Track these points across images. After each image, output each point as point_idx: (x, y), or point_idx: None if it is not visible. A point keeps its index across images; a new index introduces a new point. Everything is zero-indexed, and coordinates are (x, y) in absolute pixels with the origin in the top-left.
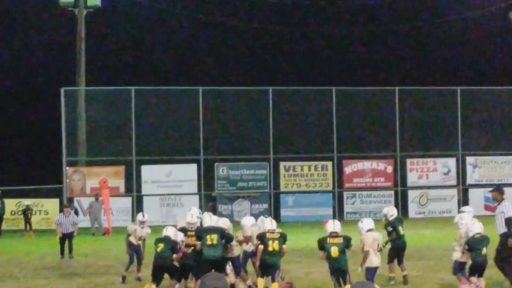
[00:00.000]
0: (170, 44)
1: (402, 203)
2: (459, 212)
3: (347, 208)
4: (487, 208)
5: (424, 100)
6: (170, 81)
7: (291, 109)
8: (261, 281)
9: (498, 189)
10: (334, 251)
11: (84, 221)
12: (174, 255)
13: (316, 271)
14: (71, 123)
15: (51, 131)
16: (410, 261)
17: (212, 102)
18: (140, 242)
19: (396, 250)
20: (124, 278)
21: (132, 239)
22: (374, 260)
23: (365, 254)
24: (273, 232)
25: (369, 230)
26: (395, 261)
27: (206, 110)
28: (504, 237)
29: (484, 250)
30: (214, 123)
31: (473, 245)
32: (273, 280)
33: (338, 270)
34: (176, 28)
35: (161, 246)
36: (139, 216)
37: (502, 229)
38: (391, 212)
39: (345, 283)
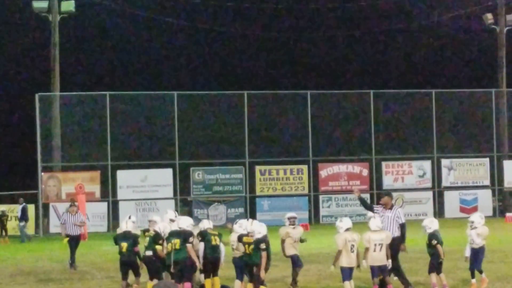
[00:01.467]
0: (145, 50)
1: None
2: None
3: (323, 211)
4: (462, 210)
5: (399, 103)
6: (145, 86)
7: (266, 113)
8: (238, 284)
9: (388, 194)
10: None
11: (59, 227)
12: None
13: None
14: (46, 129)
15: (26, 137)
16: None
17: (187, 106)
18: None
19: None
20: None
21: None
22: (345, 260)
23: (337, 254)
24: (249, 236)
25: (347, 229)
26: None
27: (181, 114)
28: (397, 241)
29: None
30: (189, 127)
31: (439, 240)
32: (250, 280)
33: None
34: (151, 33)
35: (125, 245)
36: (127, 219)
37: (396, 233)
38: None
39: None
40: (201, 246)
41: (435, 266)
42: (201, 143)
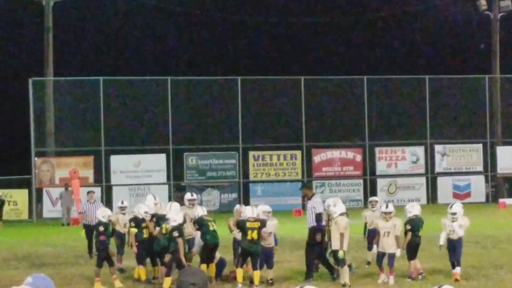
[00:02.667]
0: (139, 34)
1: (371, 192)
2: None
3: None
4: (455, 196)
5: (392, 89)
6: (139, 71)
7: (260, 99)
8: (240, 271)
9: (306, 185)
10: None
11: (53, 212)
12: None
13: (285, 260)
14: (39, 114)
15: (19, 122)
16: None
17: (180, 92)
18: (125, 230)
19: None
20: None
21: (118, 228)
22: (345, 243)
23: (341, 237)
24: (253, 221)
25: (341, 214)
26: None
27: (174, 100)
28: (312, 230)
29: (420, 232)
30: (183, 113)
31: (413, 226)
32: (254, 268)
33: None
34: (145, 18)
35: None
36: (119, 203)
37: (312, 223)
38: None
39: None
40: (197, 233)
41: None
42: (195, 128)
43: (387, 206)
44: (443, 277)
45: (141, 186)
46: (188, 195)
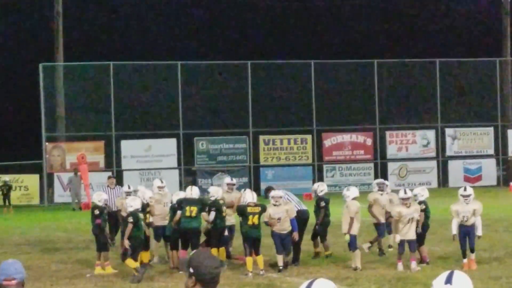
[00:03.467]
0: (149, 19)
1: (381, 175)
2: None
3: (326, 181)
4: (466, 179)
5: (403, 72)
6: (149, 56)
7: (270, 83)
8: (250, 260)
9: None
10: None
11: (64, 196)
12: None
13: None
14: (49, 99)
15: (30, 107)
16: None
17: (190, 76)
18: None
19: (325, 227)
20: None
21: (124, 213)
22: (356, 227)
23: (351, 221)
24: (254, 206)
25: (354, 198)
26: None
27: (185, 84)
28: (299, 214)
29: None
30: (193, 97)
31: (427, 208)
32: (256, 253)
33: None
34: (155, 2)
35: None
36: (125, 188)
37: (299, 207)
38: (321, 187)
39: None
40: (211, 215)
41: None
42: (205, 113)
43: (405, 192)
44: (454, 261)
45: (152, 171)
46: (227, 179)
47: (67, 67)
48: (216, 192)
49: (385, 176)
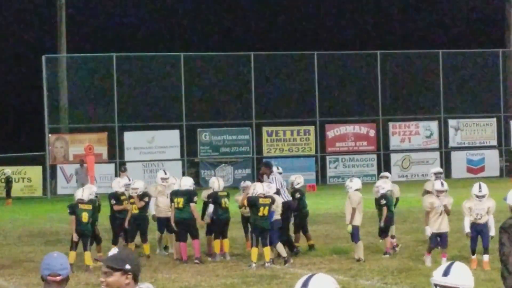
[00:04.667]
0: (152, 10)
1: (384, 167)
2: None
3: (330, 172)
4: (469, 170)
5: (406, 63)
6: (152, 47)
7: (273, 74)
8: (255, 251)
9: (265, 164)
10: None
11: (67, 188)
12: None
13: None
14: (53, 91)
15: (33, 99)
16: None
17: (194, 68)
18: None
19: (302, 219)
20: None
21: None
22: (358, 219)
23: (353, 211)
24: (265, 197)
25: (357, 190)
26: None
27: (188, 76)
28: (285, 206)
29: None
30: (196, 88)
31: (388, 201)
32: (264, 245)
33: None
34: None
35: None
36: (125, 180)
37: (286, 198)
38: (298, 180)
39: None
40: (210, 207)
41: (383, 229)
42: (208, 104)
43: (442, 185)
44: (457, 252)
45: (155, 162)
46: (275, 169)
47: (70, 59)
48: (213, 183)
49: (388, 168)
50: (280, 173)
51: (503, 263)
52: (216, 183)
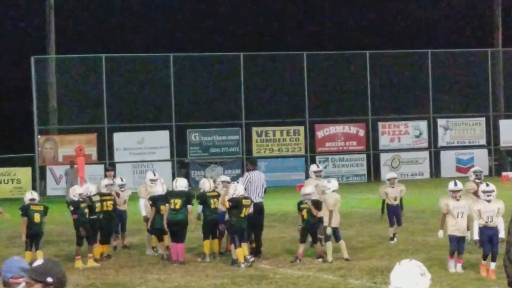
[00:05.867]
0: (141, 11)
1: (374, 166)
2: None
3: None
4: (458, 169)
5: (395, 63)
6: (141, 48)
7: (262, 74)
8: (240, 251)
9: (251, 161)
10: None
11: (57, 189)
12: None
13: (289, 236)
14: (42, 92)
15: (22, 100)
16: (382, 224)
17: (183, 68)
18: (124, 207)
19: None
20: (114, 247)
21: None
22: (336, 219)
23: (330, 214)
24: (246, 198)
25: (334, 191)
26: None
27: (177, 76)
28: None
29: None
30: (185, 89)
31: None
32: (243, 241)
33: None
34: None
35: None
36: (118, 180)
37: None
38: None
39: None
40: (199, 208)
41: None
42: (198, 104)
43: (455, 184)
44: (443, 248)
45: (145, 163)
46: (313, 167)
47: (59, 60)
48: (203, 184)
49: (377, 167)
50: (320, 171)
51: (506, 252)
52: (207, 184)
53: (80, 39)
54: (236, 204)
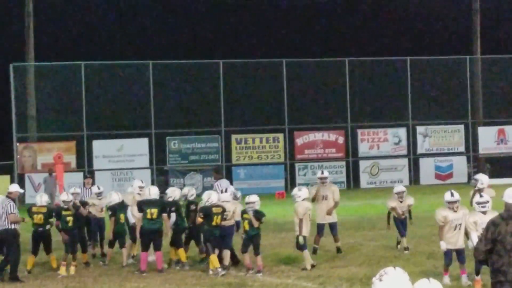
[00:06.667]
0: (119, 18)
1: (353, 174)
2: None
3: (299, 179)
4: (437, 177)
5: (374, 70)
6: (120, 56)
7: (241, 82)
8: (214, 257)
9: (215, 170)
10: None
11: (35, 197)
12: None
13: (268, 243)
14: (20, 99)
15: (0, 107)
16: (361, 231)
17: (162, 75)
18: (102, 215)
19: (197, 230)
20: (93, 255)
21: (95, 213)
22: (306, 229)
23: (300, 223)
24: (217, 207)
25: (305, 199)
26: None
27: (156, 83)
28: None
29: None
30: (164, 97)
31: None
32: (226, 248)
33: None
34: (126, 1)
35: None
36: (95, 189)
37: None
38: (191, 192)
39: None
40: (173, 216)
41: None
42: (177, 112)
43: (452, 194)
44: (426, 257)
45: (124, 171)
46: (318, 173)
47: (38, 67)
48: (173, 192)
49: (357, 174)
50: (325, 178)
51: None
52: (177, 191)
53: (59, 46)
54: (206, 213)
